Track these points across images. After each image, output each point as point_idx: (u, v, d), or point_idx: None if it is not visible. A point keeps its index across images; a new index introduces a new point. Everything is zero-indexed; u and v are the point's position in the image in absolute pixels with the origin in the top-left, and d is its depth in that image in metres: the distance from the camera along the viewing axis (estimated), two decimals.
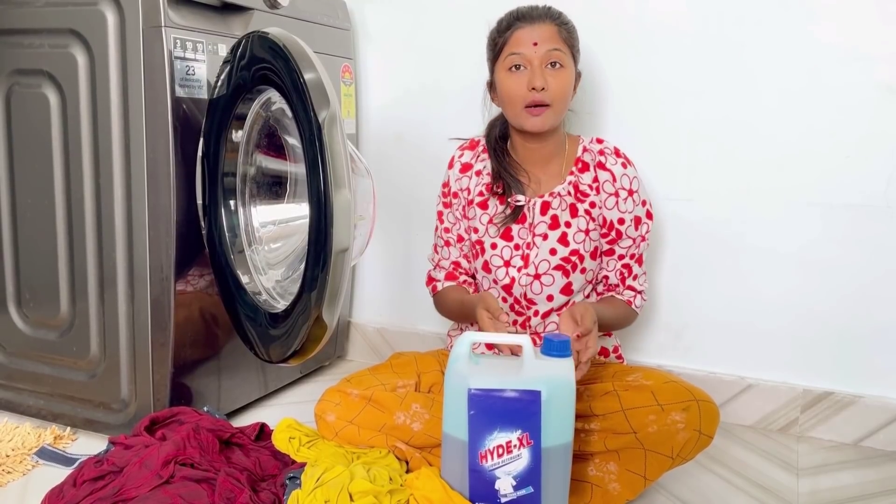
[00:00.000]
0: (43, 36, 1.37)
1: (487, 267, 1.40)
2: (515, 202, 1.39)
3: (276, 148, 1.43)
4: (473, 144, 1.46)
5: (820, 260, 1.55)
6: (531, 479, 1.07)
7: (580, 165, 1.39)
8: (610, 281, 1.42)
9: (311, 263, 1.17)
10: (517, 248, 1.39)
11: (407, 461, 1.24)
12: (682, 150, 1.62)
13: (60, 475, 1.22)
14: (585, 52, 1.42)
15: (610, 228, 1.38)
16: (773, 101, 1.54)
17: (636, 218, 1.38)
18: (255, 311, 1.34)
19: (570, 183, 1.38)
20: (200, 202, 1.37)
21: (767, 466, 1.44)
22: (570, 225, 1.37)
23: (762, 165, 1.56)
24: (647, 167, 1.53)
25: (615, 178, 1.36)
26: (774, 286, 1.59)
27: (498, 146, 1.43)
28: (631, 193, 1.37)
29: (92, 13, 1.31)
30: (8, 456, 1.33)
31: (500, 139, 1.43)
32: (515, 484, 1.07)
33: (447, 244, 1.47)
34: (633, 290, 1.40)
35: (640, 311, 1.42)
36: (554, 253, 1.36)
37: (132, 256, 1.36)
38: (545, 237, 1.37)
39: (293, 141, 1.41)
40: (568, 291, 1.37)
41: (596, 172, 1.38)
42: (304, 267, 1.19)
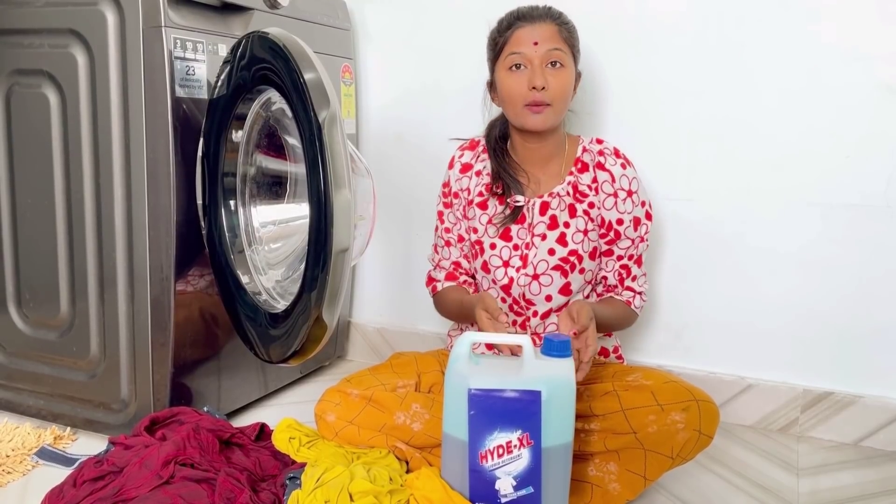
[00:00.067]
0: (43, 36, 1.37)
1: (486, 267, 1.40)
2: (514, 202, 1.38)
3: (276, 148, 1.43)
4: (473, 145, 1.46)
5: (820, 260, 1.55)
6: (531, 479, 1.07)
7: (580, 166, 1.39)
8: (609, 282, 1.42)
9: (311, 263, 1.17)
10: (516, 248, 1.39)
11: (407, 461, 1.24)
12: (682, 150, 1.62)
13: (60, 475, 1.22)
14: (585, 52, 1.42)
15: (608, 229, 1.38)
16: (773, 100, 1.54)
17: (635, 219, 1.38)
18: (255, 311, 1.34)
19: (569, 183, 1.38)
20: (200, 202, 1.37)
21: (767, 466, 1.44)
22: (568, 225, 1.37)
23: (762, 165, 1.56)
24: (647, 167, 1.53)
25: (614, 178, 1.36)
26: (774, 286, 1.59)
27: (498, 146, 1.43)
28: (630, 194, 1.37)
29: (92, 13, 1.31)
30: (8, 456, 1.33)
31: (499, 139, 1.43)
32: (516, 484, 1.07)
33: (447, 244, 1.47)
34: (632, 290, 1.40)
35: (639, 311, 1.42)
36: (552, 253, 1.36)
37: (132, 256, 1.36)
38: (544, 237, 1.37)
39: (293, 141, 1.41)
40: (566, 292, 1.37)
41: (595, 173, 1.38)
42: (304, 267, 1.19)
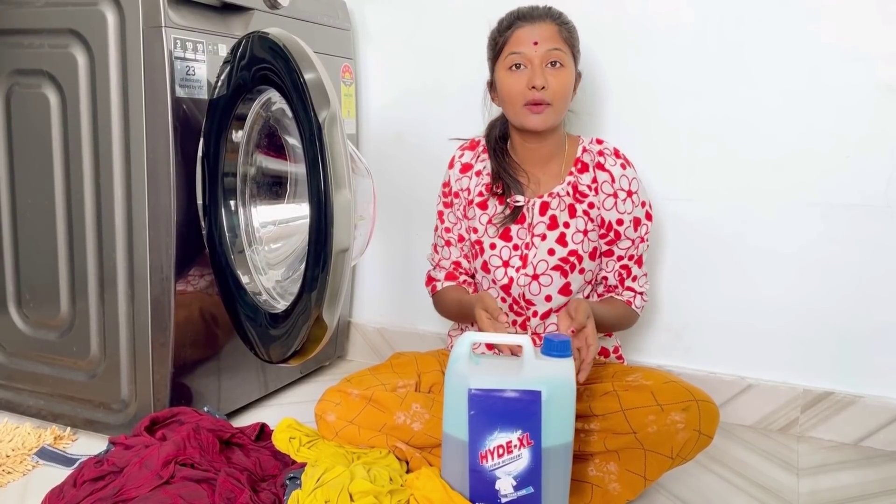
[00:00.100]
0: (43, 36, 1.37)
1: (486, 267, 1.40)
2: (514, 202, 1.38)
3: (276, 148, 1.43)
4: (474, 145, 1.46)
5: (820, 260, 1.55)
6: (531, 479, 1.07)
7: (579, 166, 1.39)
8: (609, 282, 1.42)
9: (311, 263, 1.17)
10: (516, 248, 1.39)
11: (407, 461, 1.24)
12: (682, 150, 1.62)
13: (60, 475, 1.22)
14: (585, 52, 1.42)
15: (608, 229, 1.38)
16: (773, 100, 1.54)
17: (635, 219, 1.38)
18: (255, 311, 1.34)
19: (569, 183, 1.38)
20: (200, 202, 1.37)
21: (767, 466, 1.44)
22: (568, 225, 1.37)
23: (762, 165, 1.56)
24: (647, 167, 1.53)
25: (614, 179, 1.36)
26: (775, 286, 1.59)
27: (498, 146, 1.43)
28: (630, 194, 1.37)
29: (92, 13, 1.31)
30: (8, 456, 1.33)
31: (499, 139, 1.43)
32: (516, 484, 1.07)
33: (448, 244, 1.47)
34: (632, 290, 1.40)
35: (640, 311, 1.42)
36: (552, 253, 1.36)
37: (132, 256, 1.36)
38: (544, 237, 1.37)
39: (293, 141, 1.41)
40: (566, 292, 1.37)
41: (595, 173, 1.38)
42: (304, 267, 1.19)
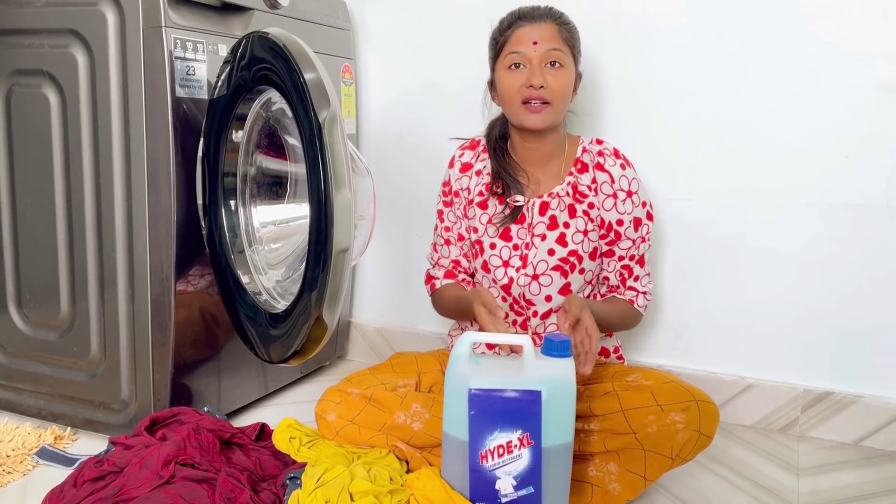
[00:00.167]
0: (43, 36, 1.37)
1: (486, 267, 1.40)
2: (514, 202, 1.38)
3: (276, 148, 1.43)
4: (474, 144, 1.46)
5: (820, 260, 1.55)
6: (531, 479, 1.07)
7: (579, 166, 1.39)
8: (610, 282, 1.42)
9: (311, 263, 1.17)
10: (516, 248, 1.39)
11: (407, 461, 1.24)
12: (682, 150, 1.62)
13: (61, 475, 1.22)
14: (585, 52, 1.42)
15: (608, 230, 1.38)
16: (773, 100, 1.54)
17: (636, 219, 1.38)
18: (255, 311, 1.34)
19: (568, 184, 1.38)
20: (201, 202, 1.37)
21: (768, 466, 1.44)
22: (568, 226, 1.37)
23: (762, 165, 1.56)
24: (647, 167, 1.53)
25: (613, 179, 1.36)
26: (775, 286, 1.59)
27: (498, 146, 1.43)
28: (630, 195, 1.37)
29: (92, 13, 1.31)
30: (8, 456, 1.33)
31: (500, 139, 1.44)
32: (516, 484, 1.07)
33: (447, 243, 1.47)
34: (634, 290, 1.40)
35: (643, 310, 1.41)
36: (552, 253, 1.36)
37: (132, 256, 1.36)
38: (543, 238, 1.37)
39: (293, 141, 1.41)
40: (566, 292, 1.37)
41: (594, 174, 1.38)
42: (304, 267, 1.19)
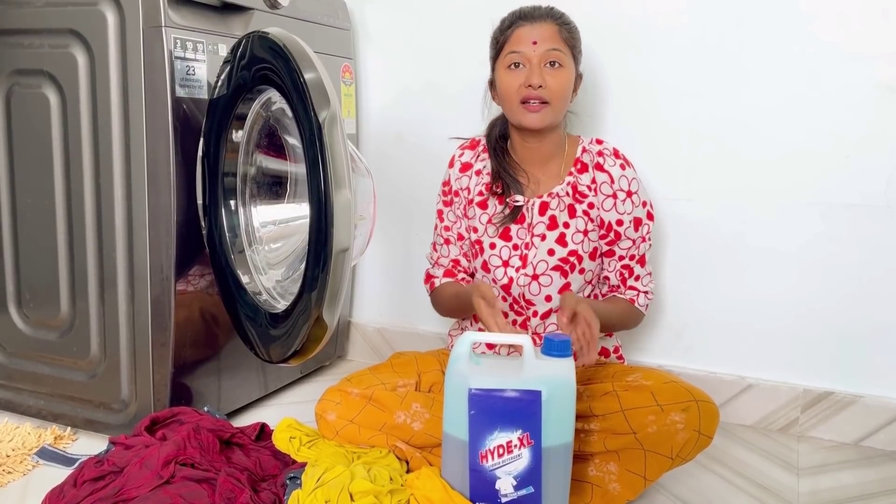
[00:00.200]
0: (43, 36, 1.37)
1: (486, 267, 1.40)
2: (514, 202, 1.38)
3: (276, 148, 1.43)
4: (474, 144, 1.46)
5: (820, 259, 1.55)
6: (532, 478, 1.07)
7: (579, 166, 1.39)
8: (611, 282, 1.42)
9: (311, 263, 1.17)
10: (515, 248, 1.39)
11: (407, 461, 1.24)
12: (682, 150, 1.62)
13: (61, 475, 1.22)
14: (586, 52, 1.42)
15: (608, 230, 1.38)
16: (773, 100, 1.54)
17: (636, 219, 1.38)
18: (255, 311, 1.34)
19: (568, 184, 1.38)
20: (201, 202, 1.37)
21: (768, 466, 1.44)
22: (568, 226, 1.37)
23: (762, 165, 1.56)
24: (647, 167, 1.53)
25: (613, 179, 1.36)
26: (775, 286, 1.59)
27: (498, 145, 1.43)
28: (630, 195, 1.37)
29: (92, 13, 1.31)
30: (8, 456, 1.33)
31: (500, 138, 1.44)
32: (516, 484, 1.07)
33: (447, 242, 1.47)
34: (635, 289, 1.40)
35: (645, 309, 1.41)
36: (552, 253, 1.36)
37: (132, 256, 1.36)
38: (543, 238, 1.37)
39: (293, 141, 1.41)
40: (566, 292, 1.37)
41: (594, 174, 1.38)
42: (304, 267, 1.19)
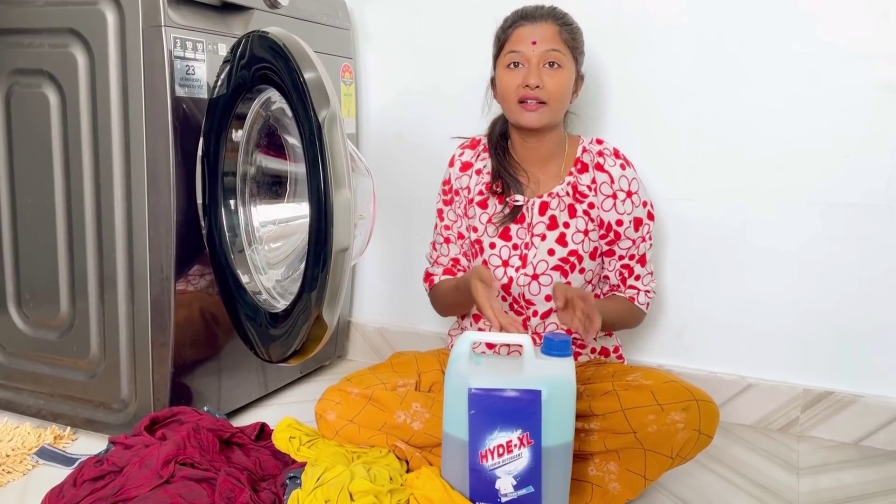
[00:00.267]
0: (43, 35, 1.37)
1: (486, 266, 1.40)
2: (514, 202, 1.38)
3: (276, 147, 1.43)
4: (474, 143, 1.46)
5: (820, 259, 1.55)
6: (531, 478, 1.07)
7: (579, 166, 1.39)
8: (611, 281, 1.42)
9: (311, 263, 1.17)
10: (515, 247, 1.39)
11: (407, 461, 1.24)
12: (682, 149, 1.62)
13: (60, 475, 1.22)
14: (586, 52, 1.42)
15: (608, 230, 1.38)
16: (773, 100, 1.54)
17: (636, 219, 1.38)
18: (255, 310, 1.34)
19: (568, 184, 1.38)
20: (200, 202, 1.37)
21: (768, 466, 1.44)
22: (568, 225, 1.37)
23: (762, 165, 1.56)
24: (647, 167, 1.53)
25: (613, 179, 1.36)
26: (775, 285, 1.59)
27: (499, 144, 1.43)
28: (630, 195, 1.36)
29: (92, 13, 1.31)
30: (8, 456, 1.33)
31: (501, 137, 1.44)
32: (516, 483, 1.07)
33: (447, 241, 1.47)
34: (635, 288, 1.40)
35: (645, 308, 1.41)
36: (552, 253, 1.36)
37: (132, 256, 1.36)
38: (543, 237, 1.37)
39: (293, 140, 1.41)
40: None
41: (594, 174, 1.37)
42: (304, 266, 1.19)
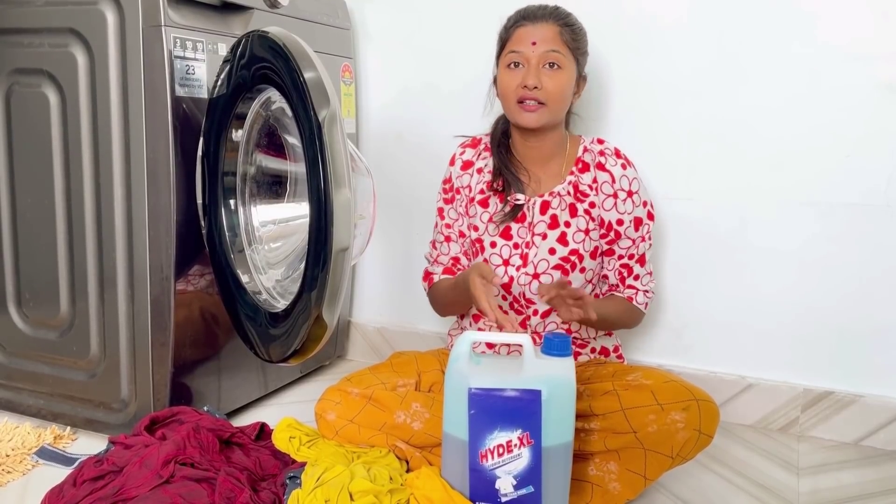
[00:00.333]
0: (43, 35, 1.37)
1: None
2: (515, 201, 1.38)
3: (276, 147, 1.43)
4: (475, 142, 1.46)
5: (820, 259, 1.55)
6: (532, 478, 1.07)
7: (580, 166, 1.39)
8: (610, 281, 1.42)
9: (311, 263, 1.17)
10: (516, 246, 1.39)
11: (407, 460, 1.24)
12: (682, 149, 1.62)
13: (60, 475, 1.22)
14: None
15: (608, 229, 1.38)
16: (773, 100, 1.54)
17: (636, 219, 1.38)
18: (255, 310, 1.34)
19: (569, 183, 1.38)
20: (200, 201, 1.37)
21: (768, 466, 1.44)
22: (569, 225, 1.37)
23: (762, 165, 1.56)
24: (647, 167, 1.53)
25: (614, 179, 1.36)
26: (775, 285, 1.59)
27: (501, 142, 1.43)
28: (630, 195, 1.36)
29: (92, 12, 1.31)
30: (8, 456, 1.33)
31: (503, 136, 1.44)
32: (516, 483, 1.07)
33: (448, 240, 1.47)
34: (634, 288, 1.40)
35: (644, 308, 1.41)
36: (553, 252, 1.36)
37: (132, 256, 1.36)
38: (544, 237, 1.37)
39: (293, 140, 1.41)
40: None
41: (595, 173, 1.38)
42: (304, 266, 1.19)
